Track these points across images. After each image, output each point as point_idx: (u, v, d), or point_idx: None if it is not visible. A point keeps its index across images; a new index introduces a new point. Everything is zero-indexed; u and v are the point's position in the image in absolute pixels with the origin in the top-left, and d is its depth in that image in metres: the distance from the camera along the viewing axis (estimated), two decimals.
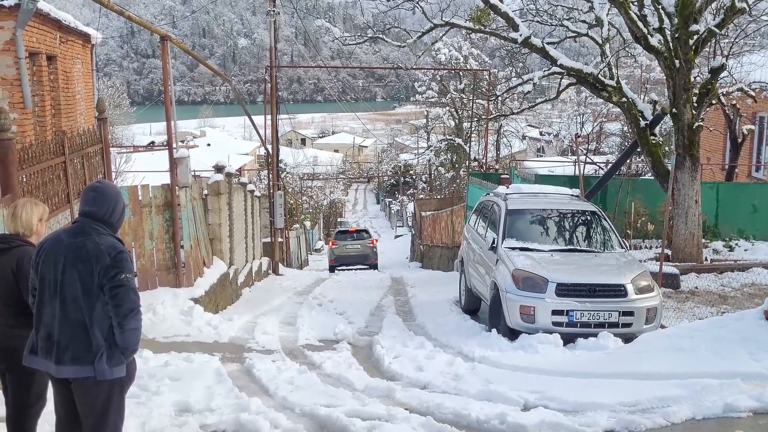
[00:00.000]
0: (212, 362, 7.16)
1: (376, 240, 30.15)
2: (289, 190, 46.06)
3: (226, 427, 5.24)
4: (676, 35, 12.46)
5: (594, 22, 14.35)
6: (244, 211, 15.62)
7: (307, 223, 42.65)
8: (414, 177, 63.80)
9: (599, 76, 13.35)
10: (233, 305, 12.29)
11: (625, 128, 31.15)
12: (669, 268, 11.18)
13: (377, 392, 6.27)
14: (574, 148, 25.69)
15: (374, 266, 27.47)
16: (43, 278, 3.71)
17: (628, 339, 7.64)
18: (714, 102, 14.55)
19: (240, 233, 14.93)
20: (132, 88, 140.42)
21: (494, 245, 9.37)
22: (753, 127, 19.45)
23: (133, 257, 9.76)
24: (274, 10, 21.55)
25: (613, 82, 13.44)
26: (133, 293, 3.68)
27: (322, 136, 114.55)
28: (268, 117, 22.19)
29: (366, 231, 29.85)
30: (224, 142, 67.40)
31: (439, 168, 44.10)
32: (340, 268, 27.24)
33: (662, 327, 8.26)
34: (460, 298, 11.85)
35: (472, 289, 10.88)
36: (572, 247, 9.31)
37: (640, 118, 13.31)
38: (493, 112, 29.55)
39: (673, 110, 12.74)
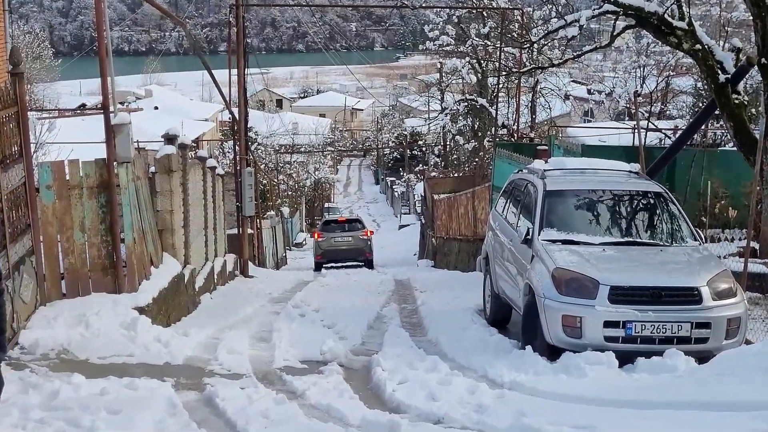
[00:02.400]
0: (163, 389, 7.17)
1: (371, 231, 32.00)
2: (262, 167, 46.00)
3: None
4: None
5: None
6: (203, 194, 15.61)
7: (285, 210, 42.68)
8: (424, 149, 63.71)
9: (665, 16, 13.28)
10: (190, 316, 12.32)
11: (699, 84, 31.07)
12: (757, 267, 11.17)
13: (377, 428, 6.27)
14: (633, 111, 25.60)
15: (369, 263, 29.06)
16: None
17: (703, 358, 7.64)
18: None
19: (198, 223, 14.93)
20: (56, 35, 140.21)
21: (529, 237, 9.36)
22: None
23: (59, 254, 9.75)
24: None
25: (683, 24, 13.37)
26: None
27: (304, 97, 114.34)
28: (234, 71, 22.12)
29: (358, 221, 31.88)
30: (177, 105, 67.22)
31: (457, 137, 44.01)
32: (328, 265, 28.55)
33: (747, 342, 8.25)
34: (485, 306, 11.87)
35: (499, 294, 10.89)
36: (630, 240, 9.31)
37: (719, 72, 13.26)
38: (527, 63, 29.41)
39: (763, 60, 12.68)
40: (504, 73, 32.44)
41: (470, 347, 9.55)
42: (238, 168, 22.36)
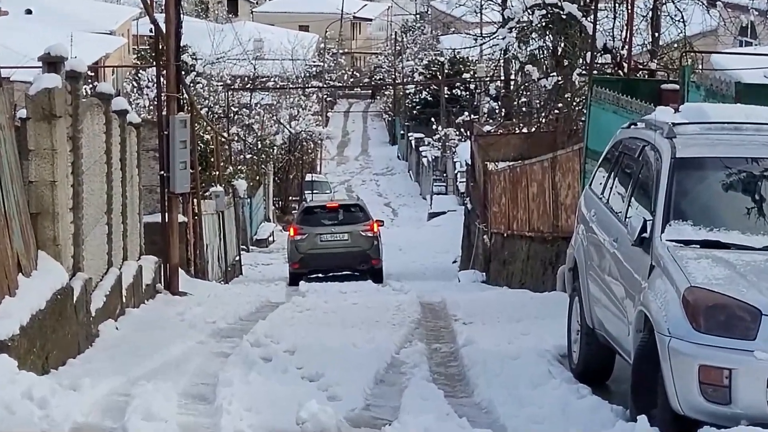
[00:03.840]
0: None
1: (380, 223, 32.94)
2: (204, 112, 46.03)
3: None
4: None
5: None
6: (105, 156, 15.63)
7: (241, 185, 42.76)
8: (473, 87, 63.62)
9: None
10: (81, 357, 12.39)
11: None
12: None
13: None
14: None
15: (376, 274, 30.08)
16: None
17: None
18: None
19: (97, 203, 14.97)
20: None
21: (646, 235, 9.35)
22: None
23: None
24: None
25: None
26: None
27: None
28: None
29: (359, 206, 33.05)
30: (63, 8, 67.41)
31: (528, 68, 43.96)
32: (311, 276, 29.25)
33: None
34: (570, 349, 11.95)
35: (595, 328, 10.92)
36: None
37: None
38: None
39: None
40: None
41: (546, 416, 9.59)
42: (164, 113, 22.40)
